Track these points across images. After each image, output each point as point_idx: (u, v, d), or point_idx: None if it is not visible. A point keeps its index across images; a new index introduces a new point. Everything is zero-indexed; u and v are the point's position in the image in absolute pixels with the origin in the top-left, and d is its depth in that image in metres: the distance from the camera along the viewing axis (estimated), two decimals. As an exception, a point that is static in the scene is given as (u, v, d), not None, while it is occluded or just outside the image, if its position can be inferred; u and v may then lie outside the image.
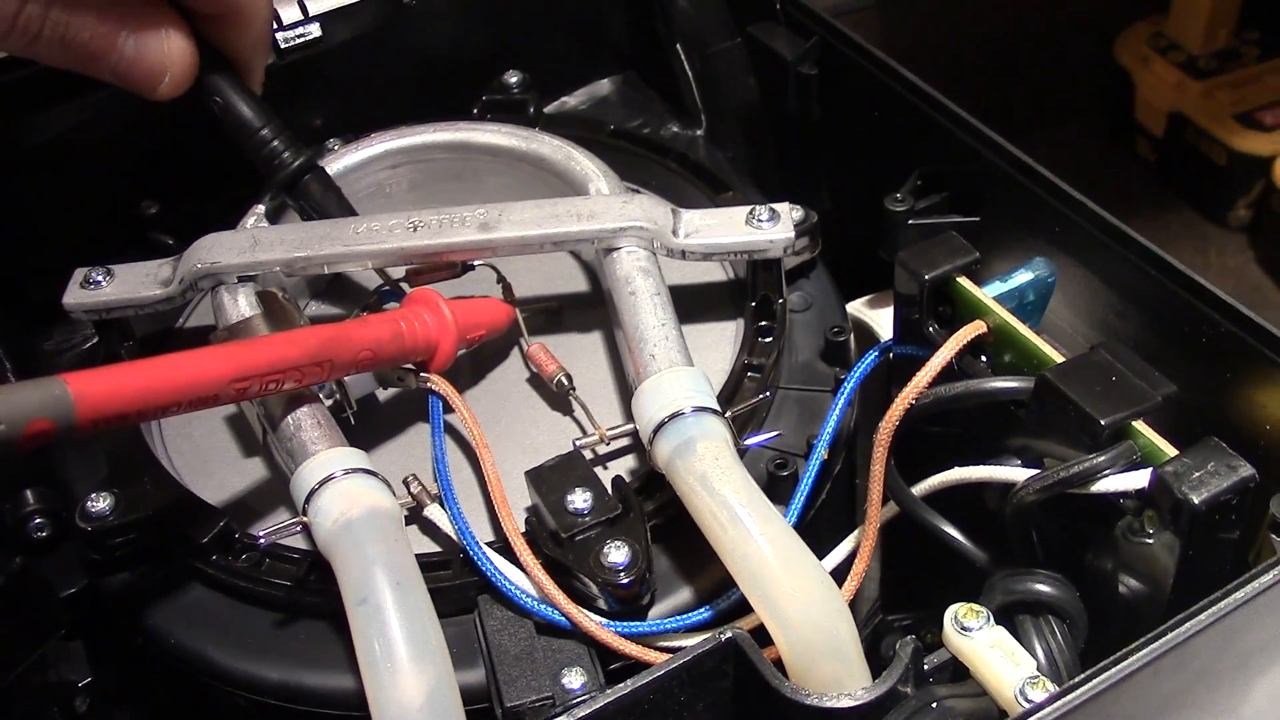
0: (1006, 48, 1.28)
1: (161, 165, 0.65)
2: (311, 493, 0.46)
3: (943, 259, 0.48)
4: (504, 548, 0.48)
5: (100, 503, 0.50)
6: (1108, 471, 0.41)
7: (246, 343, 0.47)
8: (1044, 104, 1.29)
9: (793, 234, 0.54)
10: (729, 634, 0.43)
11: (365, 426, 0.53)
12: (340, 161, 0.61)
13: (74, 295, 0.55)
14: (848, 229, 0.64)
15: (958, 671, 0.44)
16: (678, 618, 0.47)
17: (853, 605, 0.55)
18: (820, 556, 0.49)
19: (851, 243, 0.62)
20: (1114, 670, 0.37)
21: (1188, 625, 0.37)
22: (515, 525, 0.48)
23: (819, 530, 0.52)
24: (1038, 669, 0.42)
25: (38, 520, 0.58)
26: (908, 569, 0.60)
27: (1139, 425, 0.42)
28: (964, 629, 0.44)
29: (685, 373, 0.48)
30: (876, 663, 0.44)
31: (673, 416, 0.47)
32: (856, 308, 0.61)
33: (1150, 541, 0.43)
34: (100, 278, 0.56)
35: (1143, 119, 1.29)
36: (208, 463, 0.55)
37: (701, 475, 0.45)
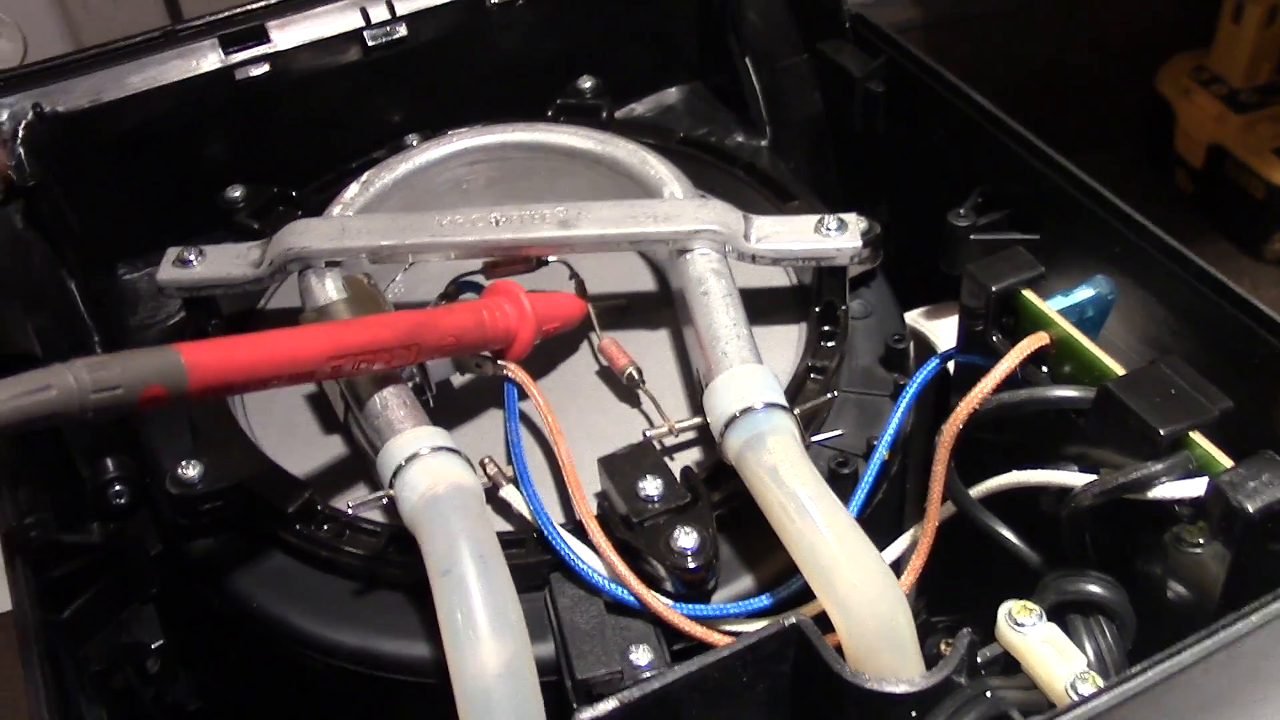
0: (1049, 75, 1.30)
1: (245, 152, 0.67)
2: (399, 468, 0.48)
3: (1009, 273, 0.50)
4: (575, 529, 0.50)
5: (190, 470, 0.53)
6: (1164, 479, 0.43)
7: (344, 323, 0.50)
8: (1084, 132, 1.30)
9: (860, 243, 0.56)
10: (793, 619, 0.45)
11: (442, 409, 0.55)
12: (421, 156, 0.63)
13: (167, 273, 0.58)
14: (906, 242, 0.66)
15: (1008, 666, 0.46)
16: (740, 603, 0.49)
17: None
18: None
19: (910, 255, 0.64)
20: (1166, 665, 0.38)
21: (1239, 625, 0.39)
22: (588, 508, 0.50)
23: (870, 530, 0.53)
24: (1087, 665, 0.44)
25: (118, 487, 0.61)
26: (951, 572, 0.62)
27: (1196, 436, 0.44)
28: (1018, 625, 0.46)
29: (757, 370, 0.51)
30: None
31: (745, 411, 0.49)
32: (914, 318, 0.63)
33: (1200, 550, 0.45)
34: (193, 257, 0.58)
35: (1182, 150, 1.30)
36: (289, 437, 0.57)
37: (771, 468, 0.47)
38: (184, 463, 0.53)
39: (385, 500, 0.48)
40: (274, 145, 0.67)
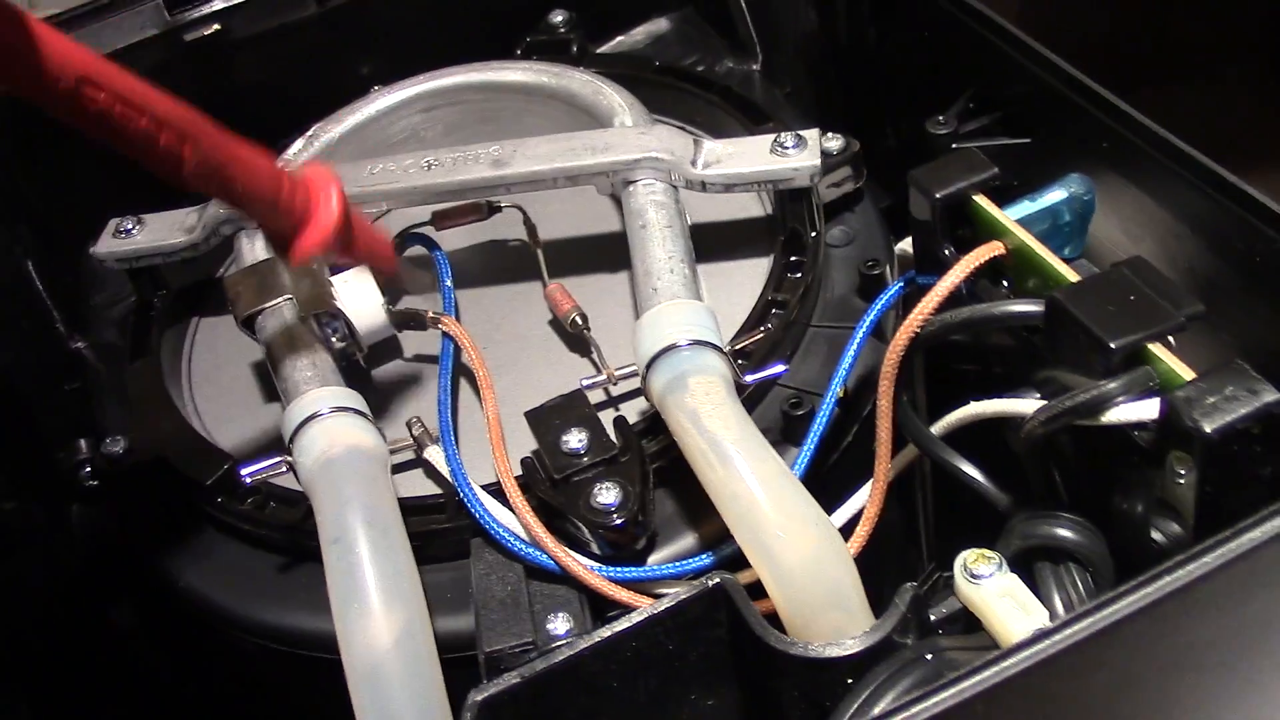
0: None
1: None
2: (296, 430, 0.45)
3: (957, 176, 0.44)
4: (498, 490, 0.46)
5: (116, 445, 0.51)
6: (1120, 399, 0.37)
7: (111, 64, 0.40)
8: (1204, 49, 1.20)
9: (818, 161, 0.50)
10: (716, 580, 0.41)
11: (380, 371, 0.52)
12: (369, 106, 0.60)
13: (106, 244, 0.56)
14: (910, 164, 0.60)
15: (970, 623, 0.41)
16: (674, 564, 0.44)
17: (887, 557, 0.51)
18: (842, 504, 0.46)
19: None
20: (1108, 611, 0.32)
21: (1191, 566, 0.32)
22: (508, 466, 0.46)
23: (845, 478, 0.48)
24: (1049, 619, 0.38)
25: (89, 470, 0.59)
26: (963, 523, 0.56)
27: (1157, 349, 0.37)
28: (974, 576, 0.40)
29: (686, 306, 0.46)
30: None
31: (667, 349, 0.44)
32: (907, 245, 0.57)
33: (1181, 483, 0.38)
34: (131, 226, 0.56)
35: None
36: (230, 408, 0.55)
37: (692, 412, 0.42)
38: (111, 437, 0.51)
39: (284, 467, 0.45)
40: (234, 108, 0.64)
